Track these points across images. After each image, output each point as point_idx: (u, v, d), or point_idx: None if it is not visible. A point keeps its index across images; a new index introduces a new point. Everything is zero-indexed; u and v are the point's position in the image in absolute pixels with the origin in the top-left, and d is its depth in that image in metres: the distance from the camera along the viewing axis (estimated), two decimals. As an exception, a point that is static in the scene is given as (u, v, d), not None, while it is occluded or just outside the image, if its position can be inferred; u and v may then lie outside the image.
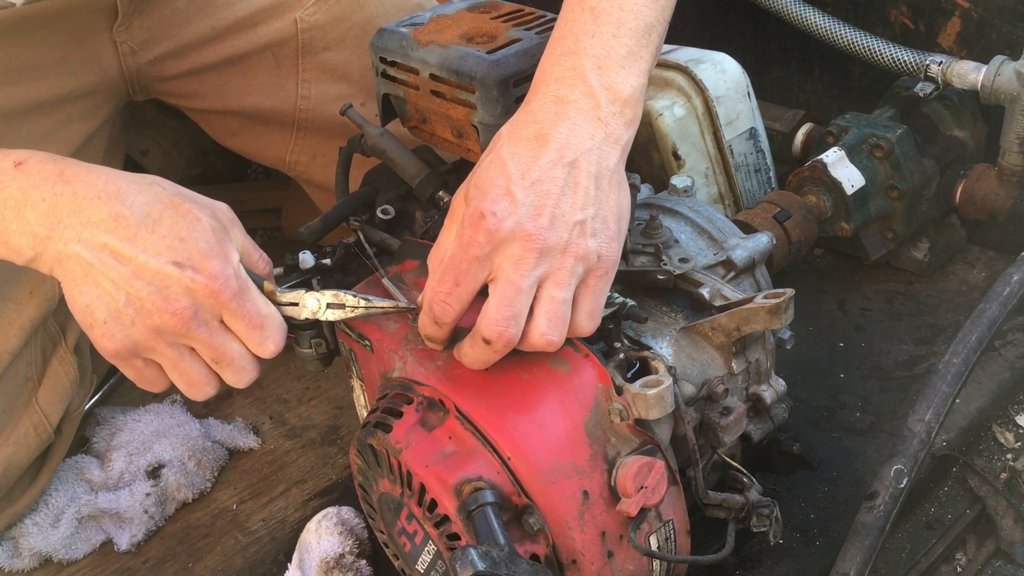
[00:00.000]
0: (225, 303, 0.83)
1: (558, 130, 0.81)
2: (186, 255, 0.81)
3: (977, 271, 1.46)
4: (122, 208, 0.81)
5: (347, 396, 1.37)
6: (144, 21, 1.20)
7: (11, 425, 1.14)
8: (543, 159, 0.80)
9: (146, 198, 0.82)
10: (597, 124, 0.82)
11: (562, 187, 0.79)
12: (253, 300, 0.84)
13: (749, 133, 1.45)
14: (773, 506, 0.91)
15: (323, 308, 0.89)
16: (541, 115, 0.82)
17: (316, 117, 1.30)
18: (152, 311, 0.81)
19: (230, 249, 0.84)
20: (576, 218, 0.79)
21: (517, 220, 0.78)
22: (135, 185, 0.83)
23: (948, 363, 1.04)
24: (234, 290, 0.83)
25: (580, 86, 0.82)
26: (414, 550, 0.89)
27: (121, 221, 0.81)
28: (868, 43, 1.47)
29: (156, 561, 1.18)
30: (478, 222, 0.78)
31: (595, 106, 0.82)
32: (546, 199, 0.78)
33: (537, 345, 0.80)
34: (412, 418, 0.86)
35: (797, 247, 1.31)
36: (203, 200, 0.87)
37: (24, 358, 1.15)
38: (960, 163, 1.43)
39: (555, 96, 0.82)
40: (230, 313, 0.84)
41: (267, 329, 0.86)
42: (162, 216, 0.82)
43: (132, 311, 0.82)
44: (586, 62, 0.83)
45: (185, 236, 0.82)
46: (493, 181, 0.79)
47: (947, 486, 1.15)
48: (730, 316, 0.91)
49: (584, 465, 0.81)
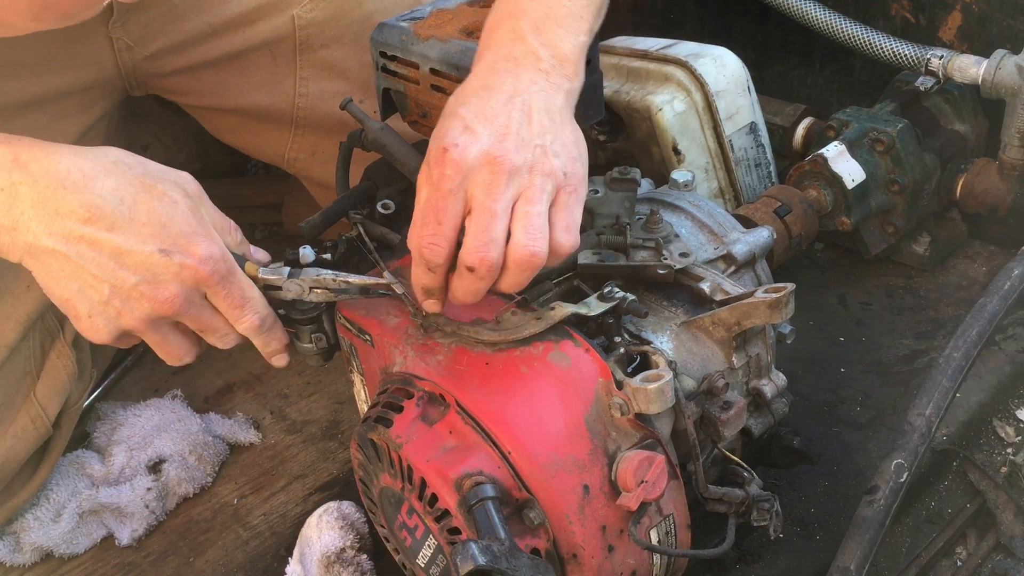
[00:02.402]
0: (213, 285, 0.83)
1: (503, 80, 0.84)
2: (171, 240, 0.80)
3: (978, 265, 1.46)
4: (93, 197, 0.79)
5: (348, 391, 1.37)
6: (140, 17, 1.19)
7: (9, 419, 1.14)
8: (494, 100, 0.82)
9: (115, 182, 0.80)
10: (539, 74, 0.85)
11: (519, 119, 0.82)
12: (238, 282, 0.85)
13: (749, 128, 1.45)
14: (773, 500, 0.91)
15: (306, 290, 0.89)
16: (485, 73, 0.85)
17: (314, 114, 1.30)
18: (141, 300, 0.81)
19: (211, 228, 0.84)
20: (536, 142, 0.82)
21: (480, 147, 0.80)
22: (99, 167, 0.81)
23: (948, 357, 1.05)
24: (222, 272, 0.83)
25: (520, 45, 0.85)
26: (415, 544, 0.89)
27: (95, 211, 0.79)
28: (869, 37, 1.47)
29: (157, 556, 1.18)
30: (443, 156, 0.80)
31: (536, 60, 0.85)
32: (505, 128, 0.81)
33: (522, 259, 0.80)
34: (413, 413, 0.86)
35: (798, 242, 1.31)
36: (169, 175, 0.85)
37: (22, 352, 1.15)
38: (961, 157, 1.42)
39: (497, 57, 0.86)
40: (214, 293, 0.84)
41: (247, 309, 0.87)
42: (136, 201, 0.80)
43: (119, 302, 0.81)
44: (524, 24, 0.86)
45: (166, 221, 0.81)
46: (450, 125, 0.82)
47: (947, 480, 1.15)
48: (731, 311, 0.91)
49: (584, 459, 0.81)
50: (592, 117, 1.07)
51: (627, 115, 1.46)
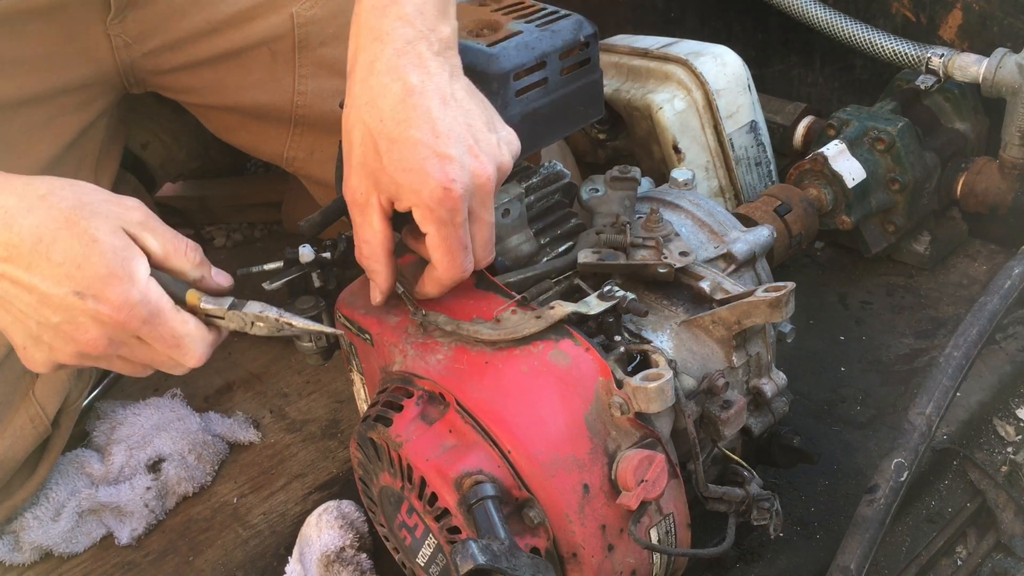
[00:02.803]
0: (135, 330, 0.80)
1: (418, 77, 0.84)
2: (85, 283, 0.77)
3: (978, 264, 1.46)
4: (11, 236, 0.76)
5: (347, 390, 1.37)
6: (138, 14, 1.19)
7: (7, 418, 1.14)
8: (433, 108, 0.83)
9: (36, 219, 0.77)
10: (437, 59, 0.86)
11: (464, 120, 0.84)
12: (166, 322, 0.80)
13: (750, 126, 1.45)
14: (773, 499, 0.91)
15: (249, 324, 0.85)
16: (388, 70, 0.84)
17: (313, 113, 1.30)
18: (67, 340, 0.79)
19: (135, 267, 0.79)
20: (491, 139, 0.85)
21: (466, 171, 0.83)
22: (24, 202, 0.77)
23: (949, 356, 1.04)
24: (142, 317, 0.79)
25: (409, 30, 0.86)
26: (414, 543, 0.89)
27: (12, 249, 0.77)
28: (869, 36, 1.47)
29: (157, 555, 1.18)
30: (447, 196, 0.82)
31: (429, 45, 0.86)
32: (468, 138, 0.84)
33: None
34: (412, 412, 0.86)
35: (798, 240, 1.31)
36: (107, 206, 0.80)
37: (21, 351, 1.15)
38: (961, 156, 1.42)
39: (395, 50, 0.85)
40: (141, 335, 0.81)
41: (184, 348, 0.82)
42: (55, 239, 0.77)
43: (48, 337, 0.80)
44: (409, 8, 0.87)
45: (81, 262, 0.77)
46: (419, 156, 0.82)
47: (947, 479, 1.15)
48: (731, 310, 0.90)
49: (584, 458, 0.81)
50: (592, 116, 1.07)
51: (627, 113, 1.46)
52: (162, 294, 0.81)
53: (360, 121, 0.84)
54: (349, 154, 0.86)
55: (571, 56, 1.01)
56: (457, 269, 0.87)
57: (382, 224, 0.87)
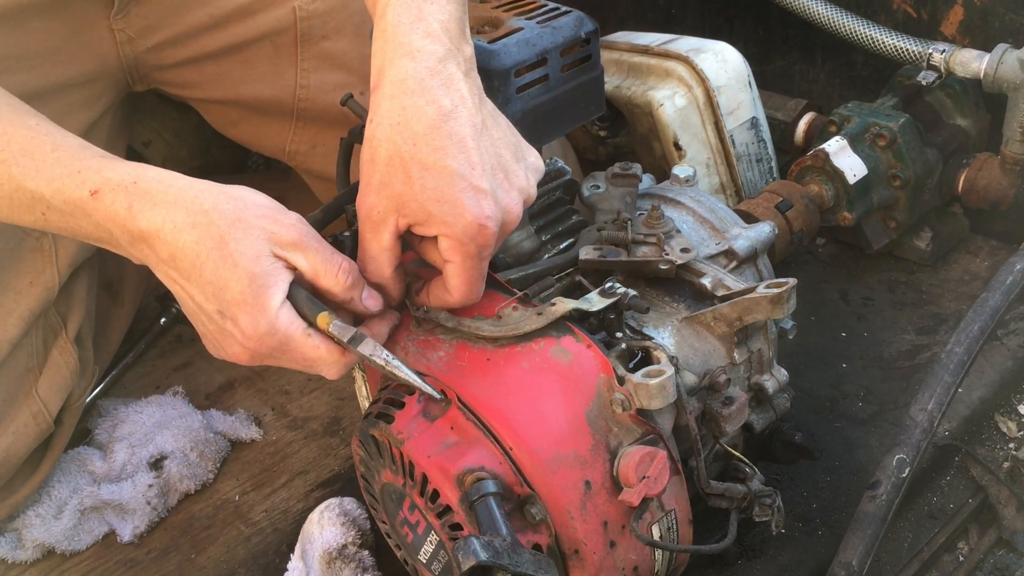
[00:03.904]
0: (266, 356, 0.83)
1: (448, 98, 0.82)
2: (225, 305, 0.80)
3: (980, 260, 1.46)
4: (176, 248, 0.81)
5: (349, 387, 1.37)
6: (141, 9, 1.19)
7: (10, 415, 1.14)
8: (467, 136, 0.82)
9: (196, 235, 0.80)
10: (466, 80, 0.85)
11: (494, 152, 0.84)
12: (296, 348, 0.82)
13: (751, 123, 1.45)
14: (775, 496, 0.91)
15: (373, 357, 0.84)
16: (420, 90, 0.82)
17: (315, 106, 1.30)
18: (218, 347, 0.85)
19: (268, 296, 0.81)
20: (519, 173, 0.85)
21: (499, 207, 0.82)
22: (190, 217, 0.81)
23: (951, 352, 1.04)
24: (271, 345, 0.81)
25: (439, 47, 0.84)
26: (416, 540, 0.89)
27: (176, 262, 0.81)
28: (870, 32, 1.47)
29: (159, 552, 1.19)
30: (481, 232, 0.81)
31: (458, 64, 0.84)
32: (501, 169, 0.84)
33: None
34: (414, 409, 0.86)
35: (799, 237, 1.31)
36: (262, 223, 0.82)
37: (25, 348, 1.15)
38: (963, 152, 1.42)
39: (428, 70, 0.83)
40: (273, 359, 0.84)
41: (317, 368, 0.85)
42: (207, 260, 0.80)
43: (209, 337, 0.85)
44: (434, 23, 0.85)
45: (223, 285, 0.80)
46: (457, 188, 0.81)
47: (949, 475, 1.15)
48: (732, 306, 0.90)
49: (586, 455, 0.81)
50: (593, 113, 1.07)
51: (628, 111, 1.46)
52: (292, 320, 0.82)
53: (390, 141, 0.82)
54: (371, 171, 0.84)
55: (572, 53, 1.01)
56: (472, 297, 0.87)
57: (392, 242, 0.85)
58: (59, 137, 0.86)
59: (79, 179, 0.82)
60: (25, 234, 1.13)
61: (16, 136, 0.85)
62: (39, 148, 0.84)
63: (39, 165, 0.84)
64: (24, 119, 0.87)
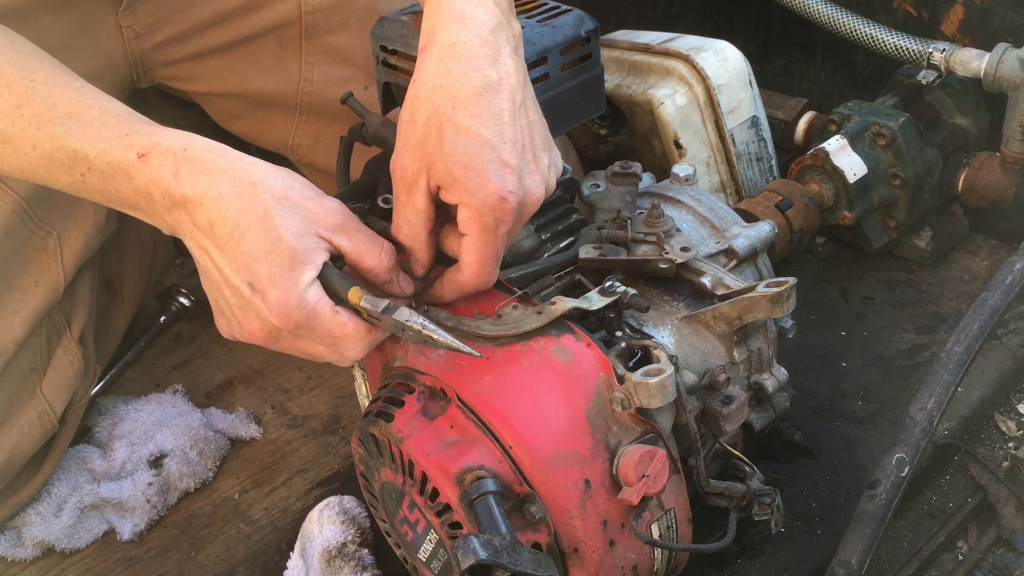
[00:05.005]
0: (292, 331, 0.83)
1: (495, 70, 0.83)
2: (256, 278, 0.80)
3: (979, 260, 1.46)
4: (216, 215, 0.81)
5: (349, 385, 1.37)
6: (149, 5, 1.20)
7: (16, 414, 1.14)
8: (503, 110, 0.82)
9: (241, 204, 0.81)
10: (514, 57, 0.85)
11: (529, 133, 0.84)
12: (323, 325, 0.83)
13: (751, 121, 1.45)
14: (775, 495, 0.91)
15: (401, 329, 0.84)
16: (467, 56, 0.83)
17: (319, 100, 1.30)
18: (236, 322, 0.84)
19: (301, 273, 0.81)
20: (544, 162, 0.86)
21: (524, 187, 0.83)
22: (237, 187, 0.81)
23: (950, 351, 1.04)
24: (297, 321, 0.82)
25: (491, 15, 0.85)
26: (416, 539, 0.89)
27: (214, 229, 0.81)
28: (871, 31, 1.47)
29: (158, 550, 1.19)
30: (502, 205, 0.82)
31: (508, 39, 0.85)
32: (529, 152, 0.84)
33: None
34: (414, 407, 0.86)
35: (799, 236, 1.31)
36: (308, 203, 0.83)
37: (29, 348, 1.15)
38: (963, 151, 1.42)
39: (478, 36, 0.84)
40: (298, 335, 0.84)
41: (342, 346, 0.85)
42: (249, 229, 0.80)
43: (227, 313, 0.85)
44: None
45: (260, 257, 0.80)
46: (485, 157, 0.81)
47: (949, 474, 1.15)
48: (732, 305, 0.90)
49: (586, 454, 0.81)
50: (593, 111, 1.07)
51: (628, 109, 1.46)
52: (320, 297, 0.83)
53: (430, 101, 0.83)
54: (409, 131, 0.84)
55: (572, 52, 1.01)
56: (484, 277, 0.87)
57: (426, 204, 0.85)
58: (105, 101, 0.87)
59: (127, 142, 0.82)
60: (31, 233, 1.13)
61: (63, 98, 0.85)
62: (86, 111, 0.85)
63: (85, 126, 0.84)
64: (70, 82, 0.87)
